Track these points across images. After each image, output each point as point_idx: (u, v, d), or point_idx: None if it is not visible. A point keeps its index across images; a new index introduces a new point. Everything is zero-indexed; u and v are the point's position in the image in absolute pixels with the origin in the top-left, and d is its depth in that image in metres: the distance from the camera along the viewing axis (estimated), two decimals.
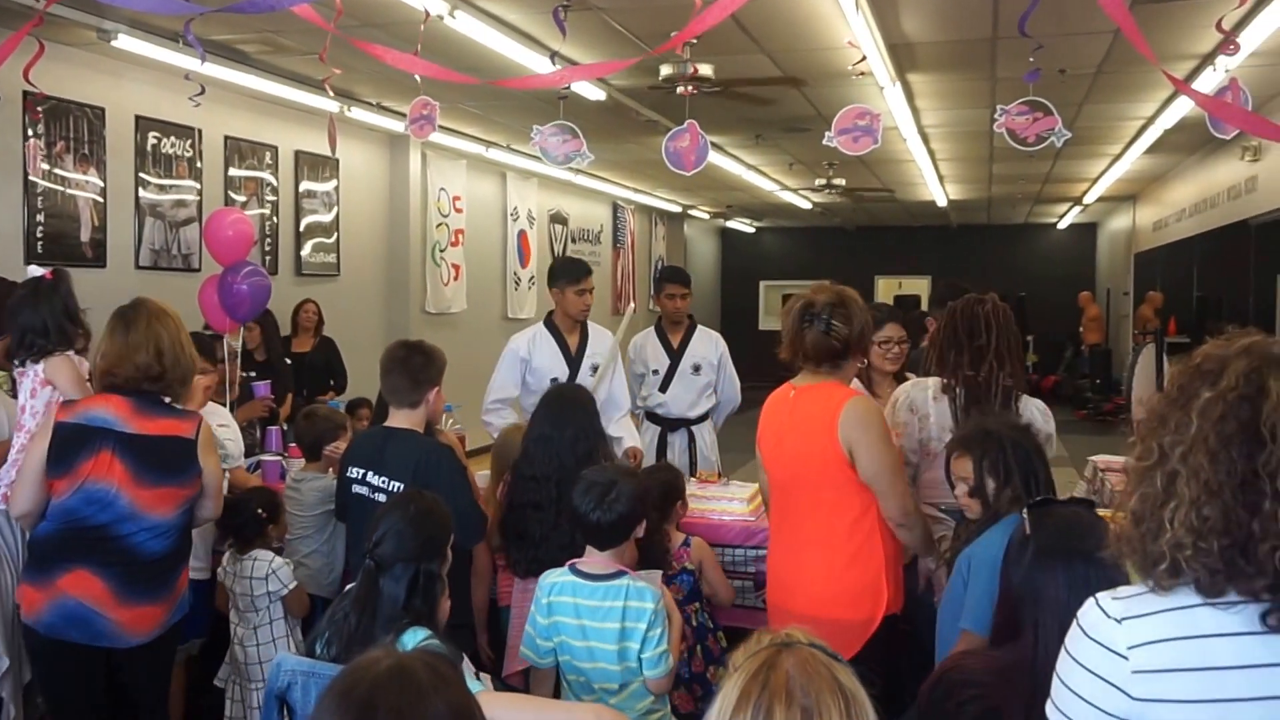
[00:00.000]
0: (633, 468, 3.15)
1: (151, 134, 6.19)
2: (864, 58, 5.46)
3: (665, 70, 6.07)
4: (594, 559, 2.61)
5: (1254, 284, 9.67)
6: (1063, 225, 17.64)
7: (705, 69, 6.22)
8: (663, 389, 4.89)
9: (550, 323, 4.55)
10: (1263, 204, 8.46)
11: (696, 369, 4.93)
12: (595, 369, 4.43)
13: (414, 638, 2.20)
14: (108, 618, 2.80)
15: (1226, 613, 1.19)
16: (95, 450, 2.82)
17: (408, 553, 2.28)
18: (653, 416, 4.98)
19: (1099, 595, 1.28)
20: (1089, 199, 13.98)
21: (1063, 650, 1.29)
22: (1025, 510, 2.05)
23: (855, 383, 4.06)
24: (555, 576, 2.62)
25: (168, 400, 2.96)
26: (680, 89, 5.96)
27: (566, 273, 4.53)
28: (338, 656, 2.22)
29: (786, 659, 1.33)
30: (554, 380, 4.41)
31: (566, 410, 3.22)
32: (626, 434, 4.38)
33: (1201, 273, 11.59)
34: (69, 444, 2.83)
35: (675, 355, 4.91)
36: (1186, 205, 11.30)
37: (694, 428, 4.88)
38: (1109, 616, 1.24)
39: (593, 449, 3.15)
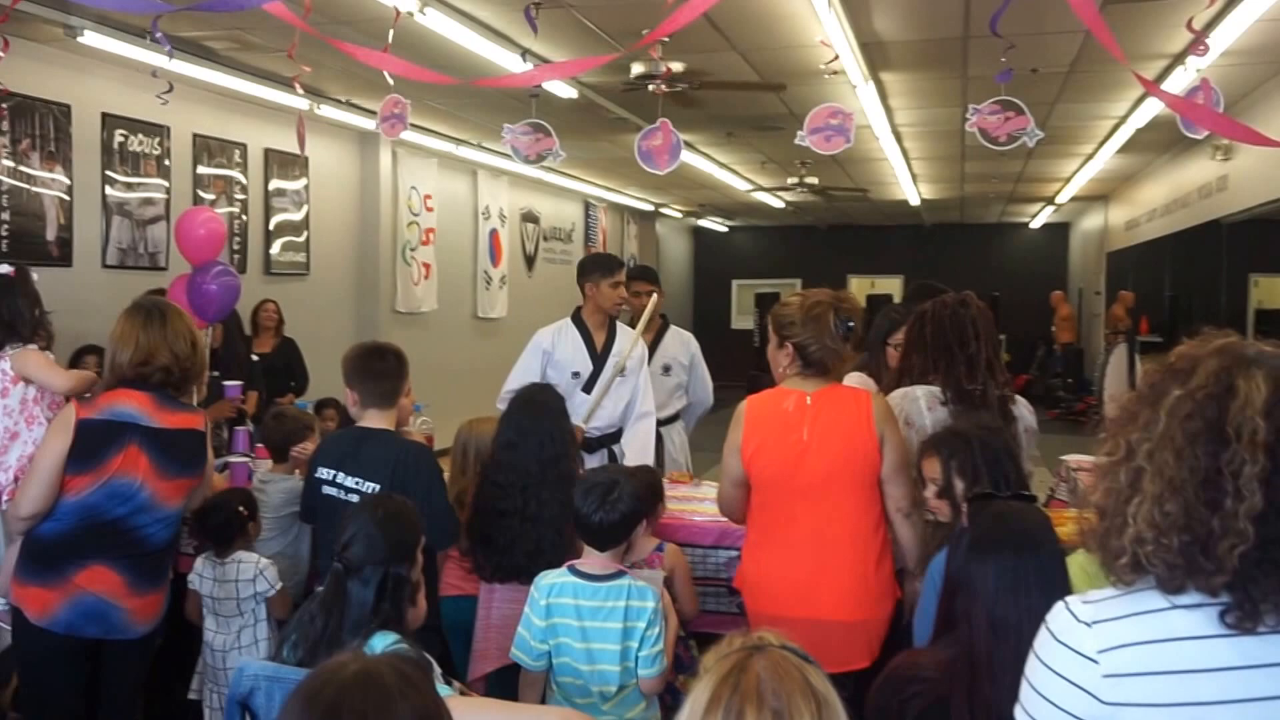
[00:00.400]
0: (632, 468, 3.15)
1: (119, 131, 6.13)
2: (836, 56, 5.49)
3: (637, 68, 6.08)
4: (594, 560, 2.61)
5: (1225, 283, 9.81)
6: (1035, 225, 17.81)
7: (677, 67, 6.24)
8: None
9: (577, 318, 4.48)
10: (1233, 203, 8.55)
11: (667, 370, 4.87)
12: (620, 368, 4.35)
13: (382, 641, 2.18)
14: (122, 608, 2.88)
15: (1197, 616, 1.19)
16: (124, 445, 2.89)
17: (377, 556, 2.27)
18: None
19: (1068, 599, 1.27)
20: (1061, 199, 14.13)
21: (1031, 654, 1.28)
22: (967, 503, 2.09)
23: (870, 382, 4.07)
24: (554, 577, 2.60)
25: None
26: (653, 87, 5.97)
27: (600, 265, 4.48)
28: (303, 660, 2.21)
29: (758, 661, 1.33)
30: (575, 375, 4.38)
31: (533, 415, 3.19)
32: (631, 450, 4.26)
33: (1173, 272, 11.73)
34: (96, 440, 2.87)
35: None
36: (1158, 205, 11.44)
37: (662, 429, 4.83)
38: (1079, 620, 1.24)
39: (559, 455, 3.13)
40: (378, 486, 2.98)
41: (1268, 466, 1.15)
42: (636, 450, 4.24)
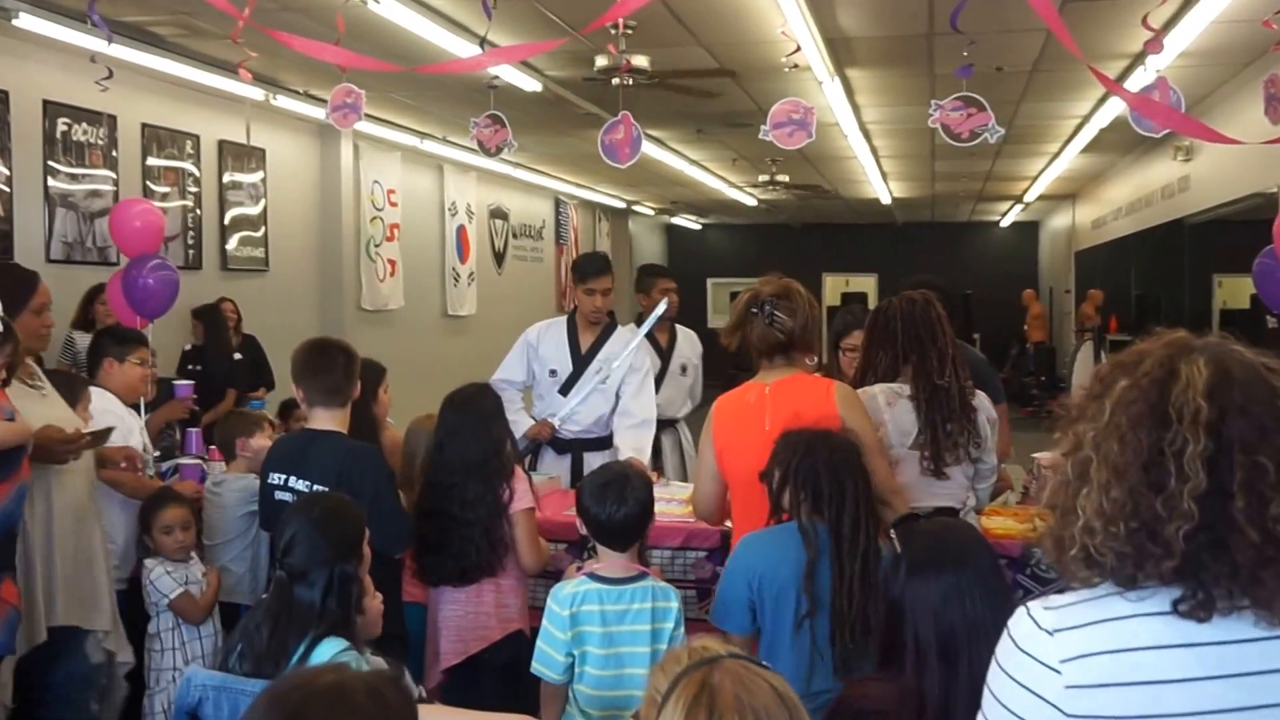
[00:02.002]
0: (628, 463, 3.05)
1: (61, 120, 5.91)
2: (798, 48, 5.42)
3: (600, 61, 5.98)
4: (613, 563, 2.52)
5: (1189, 282, 9.87)
6: (1005, 223, 17.89)
7: (641, 60, 6.14)
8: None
9: (572, 316, 4.45)
10: (1195, 203, 8.60)
11: (684, 370, 4.93)
12: (603, 375, 4.28)
13: (331, 648, 2.13)
14: (18, 613, 2.76)
15: (1160, 624, 1.17)
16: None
17: (321, 557, 2.20)
18: None
19: (1030, 605, 1.24)
20: (1029, 197, 14.17)
21: (994, 662, 1.24)
22: (893, 529, 2.08)
23: None
24: (573, 587, 2.49)
25: None
26: (616, 80, 5.89)
27: (577, 269, 4.43)
28: (250, 672, 2.15)
29: (722, 676, 1.31)
30: (553, 373, 4.32)
31: (462, 415, 3.09)
32: (625, 445, 4.17)
33: (1140, 271, 11.79)
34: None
35: (665, 356, 4.86)
36: (1123, 204, 11.48)
37: (679, 427, 4.91)
38: (1041, 628, 1.20)
39: (488, 455, 3.03)
40: (327, 490, 2.88)
41: (1211, 447, 1.14)
42: (631, 453, 4.10)
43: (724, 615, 2.50)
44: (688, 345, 5.05)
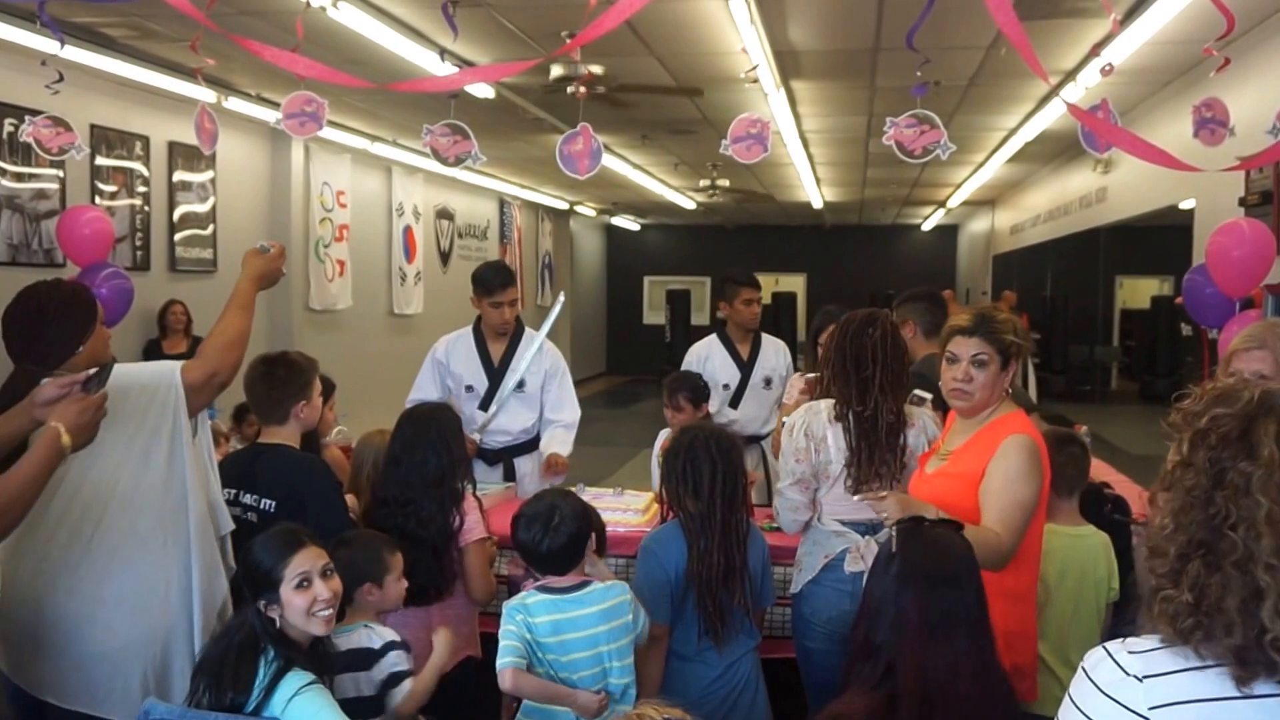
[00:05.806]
0: (567, 490, 2.91)
1: (8, 120, 5.58)
2: (755, 66, 5.36)
3: (556, 70, 5.84)
4: (558, 580, 2.47)
5: (1101, 286, 10.10)
6: (927, 227, 18.11)
7: (595, 70, 6.02)
8: (734, 404, 4.51)
9: (477, 327, 4.19)
10: (1111, 214, 8.76)
11: (768, 382, 4.57)
12: (522, 384, 4.08)
13: (297, 680, 2.04)
14: None
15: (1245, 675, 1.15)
16: None
17: None
18: None
19: (1111, 648, 1.20)
20: (952, 203, 14.34)
21: (1068, 704, 1.20)
22: (894, 528, 2.02)
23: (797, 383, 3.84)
24: (521, 599, 2.43)
25: None
26: (571, 90, 5.75)
27: (478, 282, 4.13)
28: (215, 702, 2.04)
29: None
30: (469, 389, 4.11)
31: (418, 431, 2.93)
32: (549, 443, 4.01)
33: (1054, 275, 12.02)
34: None
35: (746, 368, 4.55)
36: (1041, 211, 11.67)
37: (765, 445, 4.49)
38: (1128, 674, 1.16)
39: (445, 473, 2.86)
40: (274, 504, 2.78)
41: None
42: (555, 449, 3.99)
43: (653, 609, 2.59)
44: (774, 356, 4.63)
